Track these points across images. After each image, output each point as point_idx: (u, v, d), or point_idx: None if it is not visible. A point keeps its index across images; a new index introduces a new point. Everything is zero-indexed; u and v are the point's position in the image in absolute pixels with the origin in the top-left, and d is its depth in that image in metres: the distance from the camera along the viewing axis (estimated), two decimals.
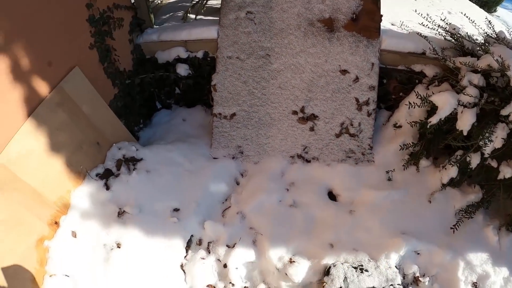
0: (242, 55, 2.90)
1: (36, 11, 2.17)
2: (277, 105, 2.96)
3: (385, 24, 3.10)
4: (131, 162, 2.66)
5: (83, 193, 2.51)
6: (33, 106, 2.23)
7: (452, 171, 2.62)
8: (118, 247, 2.39)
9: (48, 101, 2.32)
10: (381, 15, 2.92)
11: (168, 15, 3.68)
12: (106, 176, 2.59)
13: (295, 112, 2.96)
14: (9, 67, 2.03)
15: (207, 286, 2.43)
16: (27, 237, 2.19)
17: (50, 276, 2.26)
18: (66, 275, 2.30)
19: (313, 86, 2.91)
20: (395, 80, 3.10)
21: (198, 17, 3.43)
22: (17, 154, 2.12)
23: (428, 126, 2.62)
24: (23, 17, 2.09)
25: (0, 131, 2.02)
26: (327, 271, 2.44)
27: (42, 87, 2.30)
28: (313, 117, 2.95)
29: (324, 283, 2.40)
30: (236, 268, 2.46)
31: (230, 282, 2.43)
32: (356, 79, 2.91)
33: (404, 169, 2.88)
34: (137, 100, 3.22)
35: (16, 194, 2.10)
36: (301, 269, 2.44)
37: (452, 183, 2.69)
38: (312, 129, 2.97)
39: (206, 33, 2.99)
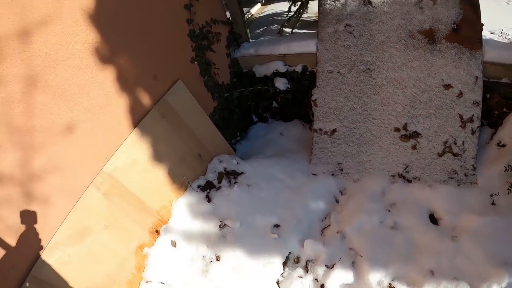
0: (343, 70, 2.83)
1: (142, 27, 2.27)
2: (379, 121, 2.85)
3: (484, 33, 2.88)
4: (232, 176, 2.69)
5: (185, 204, 2.57)
6: (139, 117, 2.32)
7: None
8: (218, 259, 2.41)
9: (154, 113, 2.41)
10: (482, 24, 2.71)
11: (261, 29, 3.71)
12: (207, 188, 2.64)
13: (397, 129, 2.84)
14: (118, 80, 2.14)
15: None
16: (128, 242, 2.28)
17: (146, 282, 2.32)
18: (162, 283, 2.34)
19: (416, 102, 2.77)
20: (498, 95, 2.85)
21: (294, 30, 3.42)
22: (123, 163, 2.21)
23: None
24: (131, 33, 2.18)
25: (108, 141, 2.12)
26: None
27: (147, 99, 2.38)
28: (415, 134, 2.81)
29: None
30: None
31: None
32: (460, 94, 2.72)
33: (508, 193, 2.64)
34: (235, 113, 3.26)
35: (120, 202, 2.19)
36: None
37: None
38: (414, 147, 2.82)
39: (304, 47, 2.96)
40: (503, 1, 4.27)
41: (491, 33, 3.35)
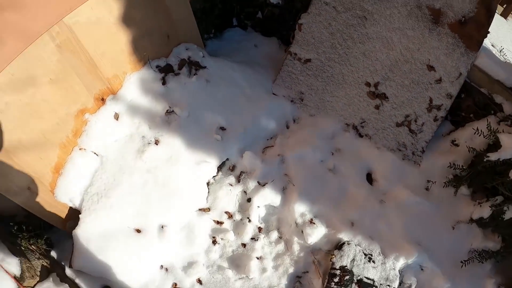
0: (340, 7, 2.74)
1: None
2: (354, 69, 2.83)
3: (485, 42, 2.92)
4: (194, 66, 2.59)
5: (138, 79, 2.45)
6: None
7: (485, 212, 2.55)
8: (156, 143, 2.35)
9: None
10: (488, 32, 2.74)
11: None
12: (165, 71, 2.52)
13: (368, 84, 2.84)
14: None
15: (225, 212, 2.41)
16: (70, 103, 2.16)
17: (80, 149, 2.23)
18: (95, 153, 2.27)
19: (396, 68, 2.77)
20: (472, 100, 2.95)
21: None
22: (87, 19, 2.04)
23: (484, 160, 2.51)
24: None
25: None
26: (339, 246, 2.41)
27: None
28: (383, 96, 2.83)
29: (333, 256, 2.37)
30: (258, 207, 2.43)
31: (248, 217, 2.40)
32: (439, 80, 2.76)
33: (443, 186, 2.78)
34: (217, 9, 3.09)
35: (73, 58, 2.05)
36: (317, 233, 2.41)
37: (480, 222, 2.62)
38: (377, 107, 2.85)
39: None
40: None
41: (492, 45, 3.40)
